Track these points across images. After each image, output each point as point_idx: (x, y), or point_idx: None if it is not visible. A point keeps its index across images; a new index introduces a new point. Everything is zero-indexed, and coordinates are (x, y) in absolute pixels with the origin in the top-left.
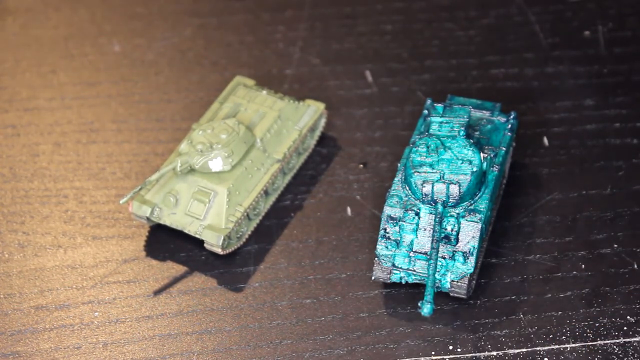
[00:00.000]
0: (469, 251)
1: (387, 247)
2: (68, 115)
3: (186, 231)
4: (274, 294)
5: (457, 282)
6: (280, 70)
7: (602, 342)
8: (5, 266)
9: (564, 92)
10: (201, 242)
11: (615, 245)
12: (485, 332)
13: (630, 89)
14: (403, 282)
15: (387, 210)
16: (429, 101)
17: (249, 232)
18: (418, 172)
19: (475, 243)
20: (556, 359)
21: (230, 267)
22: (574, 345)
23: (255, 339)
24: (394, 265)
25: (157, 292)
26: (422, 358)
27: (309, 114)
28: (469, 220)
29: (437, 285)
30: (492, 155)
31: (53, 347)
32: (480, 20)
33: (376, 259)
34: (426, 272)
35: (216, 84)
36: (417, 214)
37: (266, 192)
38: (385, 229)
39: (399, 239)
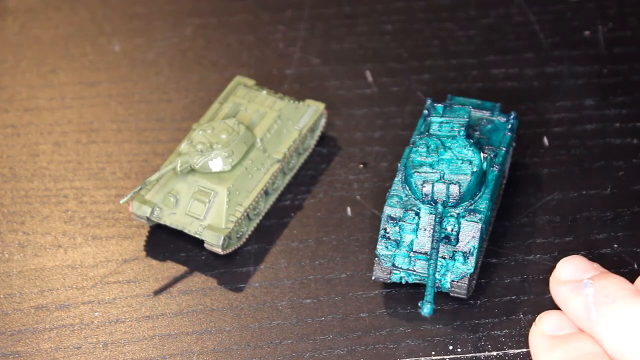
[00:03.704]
0: (469, 251)
1: (387, 247)
2: (68, 115)
3: (186, 231)
4: (274, 294)
5: (457, 282)
6: (281, 70)
7: None
8: (5, 266)
9: (564, 92)
10: (201, 242)
11: (615, 245)
12: (485, 332)
13: (630, 89)
14: (403, 282)
15: (387, 210)
16: (429, 101)
17: (249, 232)
18: (418, 172)
19: (475, 243)
20: None
21: (230, 267)
22: None
23: (256, 339)
24: (394, 265)
25: (157, 292)
26: (422, 358)
27: (309, 114)
28: (469, 220)
29: (437, 285)
30: (492, 155)
31: (53, 347)
32: (480, 20)
33: (376, 259)
34: (426, 272)
35: (216, 84)
36: (417, 214)
37: (266, 192)
38: (385, 229)
39: (399, 239)
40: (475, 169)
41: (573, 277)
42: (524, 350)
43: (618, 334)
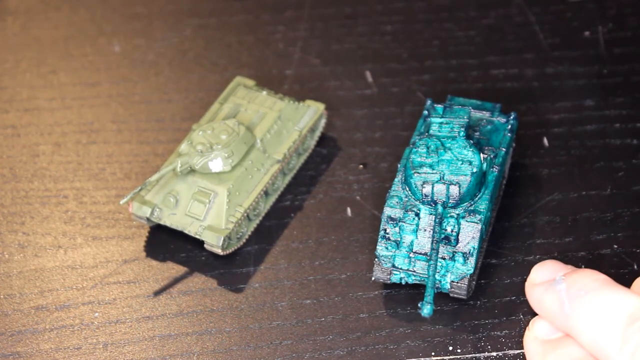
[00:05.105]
0: (469, 252)
1: (387, 248)
2: (68, 116)
3: (186, 232)
4: (274, 294)
5: (457, 282)
6: (281, 71)
7: None
8: (5, 267)
9: (564, 93)
10: (201, 242)
11: (615, 246)
12: (485, 333)
13: (630, 89)
14: (403, 282)
15: (387, 211)
16: (429, 102)
17: (249, 233)
18: (418, 172)
19: (475, 244)
20: None
21: (230, 267)
22: None
23: (255, 339)
24: (394, 266)
25: (157, 293)
26: (422, 359)
27: (309, 115)
28: (469, 221)
29: (437, 286)
30: (492, 156)
31: (53, 347)
32: (480, 20)
33: (376, 259)
34: (426, 272)
35: (216, 84)
36: (417, 214)
37: (266, 193)
38: (385, 230)
39: (399, 239)
40: (475, 170)
41: (546, 278)
42: (524, 351)
43: (592, 325)
